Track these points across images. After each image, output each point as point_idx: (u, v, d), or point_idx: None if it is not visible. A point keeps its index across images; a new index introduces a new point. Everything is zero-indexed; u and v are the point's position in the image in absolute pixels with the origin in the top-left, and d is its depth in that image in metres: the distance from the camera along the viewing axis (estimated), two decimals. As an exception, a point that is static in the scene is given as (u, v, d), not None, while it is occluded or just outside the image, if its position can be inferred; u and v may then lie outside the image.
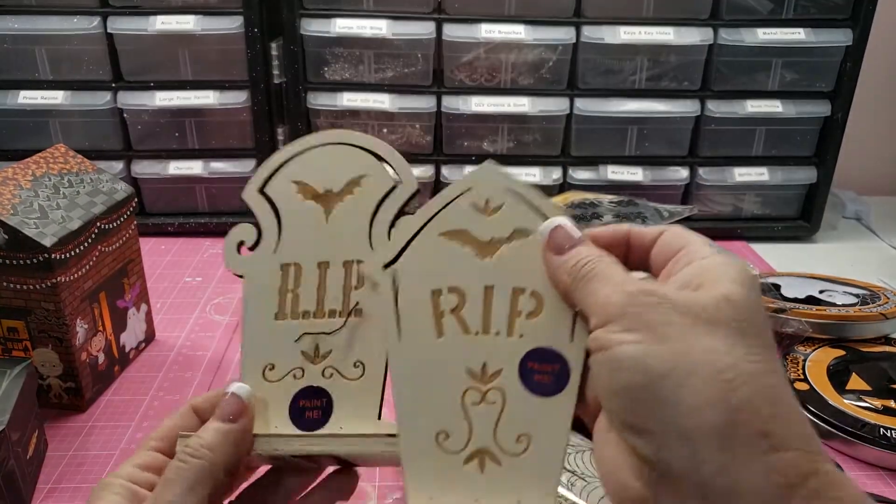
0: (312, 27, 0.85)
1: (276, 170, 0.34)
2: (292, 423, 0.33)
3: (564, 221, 0.30)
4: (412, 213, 0.33)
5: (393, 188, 0.34)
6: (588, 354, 0.29)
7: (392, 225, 0.34)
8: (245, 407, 0.32)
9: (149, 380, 0.64)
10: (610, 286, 0.27)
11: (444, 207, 0.32)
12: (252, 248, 0.34)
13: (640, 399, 0.24)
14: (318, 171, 0.34)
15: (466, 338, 0.31)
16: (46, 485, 0.52)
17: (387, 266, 0.32)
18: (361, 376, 0.33)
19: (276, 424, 0.33)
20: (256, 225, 0.34)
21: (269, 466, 0.34)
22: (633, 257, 0.30)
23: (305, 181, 0.34)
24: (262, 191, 0.34)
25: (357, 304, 0.33)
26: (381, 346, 0.32)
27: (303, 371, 0.33)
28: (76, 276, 0.57)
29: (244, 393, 0.32)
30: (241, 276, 0.34)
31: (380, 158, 0.34)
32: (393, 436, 0.31)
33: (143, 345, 0.69)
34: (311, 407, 0.33)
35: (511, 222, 0.31)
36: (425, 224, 0.32)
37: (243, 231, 0.34)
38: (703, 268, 0.27)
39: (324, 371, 0.33)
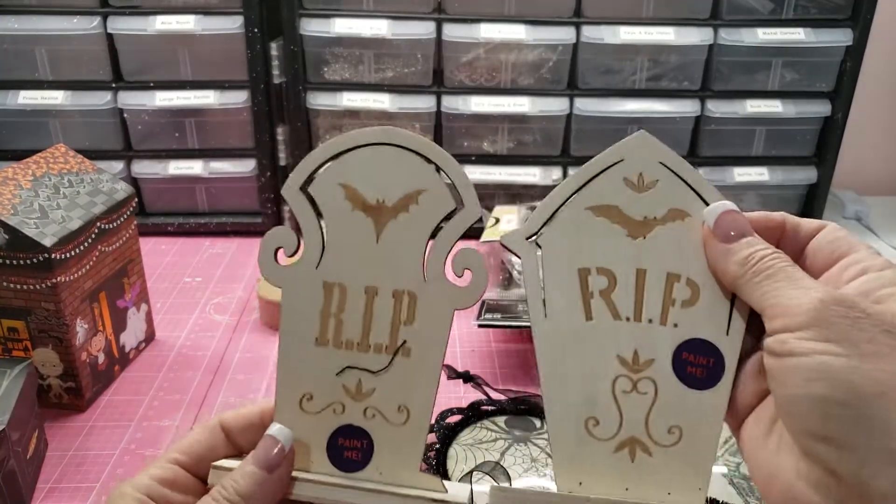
0: (312, 27, 0.85)
1: (321, 165, 0.31)
2: (329, 461, 0.31)
3: (732, 206, 0.29)
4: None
5: (453, 211, 0.30)
6: (751, 350, 0.28)
7: (447, 255, 0.30)
8: (286, 456, 0.30)
9: (149, 380, 0.64)
10: (798, 289, 0.25)
11: (592, 178, 0.29)
12: (290, 256, 0.31)
13: (840, 415, 0.23)
14: (368, 176, 0.30)
15: (617, 323, 0.29)
16: (46, 484, 0.52)
17: (530, 238, 0.30)
18: (406, 422, 0.31)
19: (313, 460, 0.31)
20: (297, 230, 0.31)
21: None
22: (785, 248, 0.29)
23: (354, 186, 0.30)
24: (304, 189, 0.31)
25: (405, 342, 0.31)
26: (428, 392, 0.31)
27: (343, 407, 0.31)
28: (76, 275, 0.57)
29: (285, 439, 0.30)
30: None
31: (438, 169, 0.30)
32: (437, 501, 0.29)
33: (143, 345, 0.69)
34: (351, 447, 0.31)
35: (666, 201, 0.29)
36: (572, 195, 0.29)
37: (282, 236, 0.31)
38: (884, 281, 0.26)
39: (365, 410, 0.31)
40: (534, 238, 0.30)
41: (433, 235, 0.30)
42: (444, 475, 0.51)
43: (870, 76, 0.96)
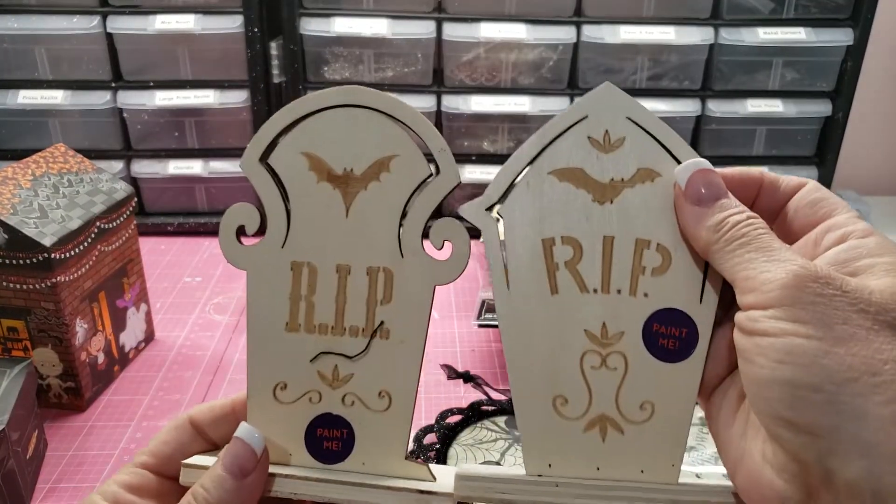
0: (312, 27, 0.85)
1: (281, 134, 0.28)
2: (308, 453, 0.29)
3: (706, 164, 0.26)
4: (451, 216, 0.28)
5: (429, 178, 0.28)
6: (722, 320, 0.27)
7: (427, 227, 0.28)
8: (258, 461, 0.27)
9: (148, 380, 0.64)
10: (771, 261, 0.24)
11: (555, 139, 0.27)
12: (255, 236, 0.29)
13: (809, 399, 0.22)
14: (333, 142, 0.28)
15: (584, 296, 0.27)
16: (46, 484, 0.52)
17: (490, 208, 0.28)
18: (388, 408, 0.29)
19: (291, 452, 0.29)
20: (260, 207, 0.28)
21: None
22: (763, 205, 0.27)
23: (319, 155, 0.28)
24: (264, 161, 0.28)
25: (382, 322, 0.28)
26: (410, 375, 0.29)
27: (320, 395, 0.29)
28: (76, 275, 0.57)
29: (255, 442, 0.28)
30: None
31: (410, 131, 0.28)
32: (424, 493, 0.28)
33: (143, 345, 0.68)
34: (331, 438, 0.29)
35: (635, 160, 0.27)
36: (534, 159, 0.27)
37: (243, 212, 0.28)
38: (863, 251, 0.24)
39: (344, 398, 0.29)
40: (494, 208, 0.28)
41: (408, 205, 0.28)
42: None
43: (870, 76, 0.96)
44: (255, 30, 0.84)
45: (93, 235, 0.59)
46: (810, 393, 0.22)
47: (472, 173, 0.91)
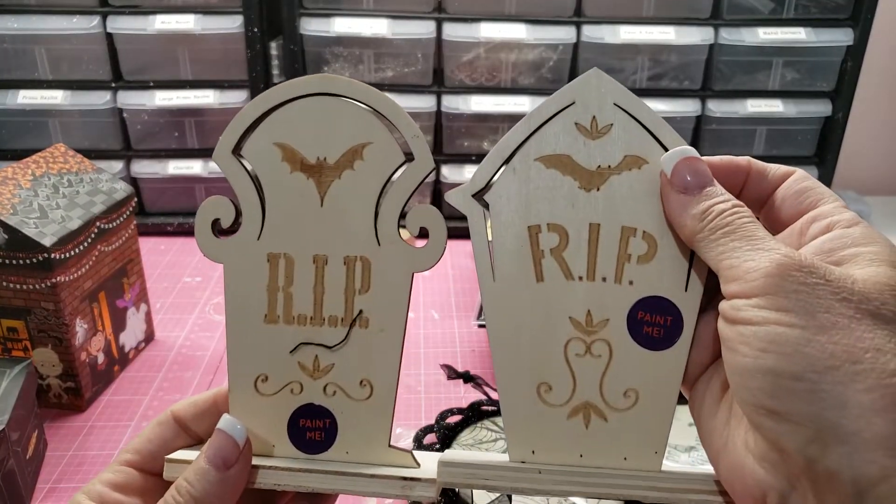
0: (312, 27, 0.85)
1: (253, 126, 0.28)
2: (292, 444, 0.29)
3: (692, 152, 0.26)
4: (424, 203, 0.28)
5: (402, 164, 0.28)
6: (705, 308, 0.27)
7: (403, 217, 0.28)
8: (240, 452, 0.27)
9: (148, 380, 0.64)
10: (756, 250, 0.24)
11: (542, 125, 0.27)
12: (230, 230, 0.29)
13: (791, 388, 0.22)
14: (306, 131, 0.27)
15: (570, 283, 0.27)
16: (46, 484, 0.52)
17: (476, 195, 0.27)
18: (369, 397, 0.29)
19: (274, 443, 0.29)
20: (235, 200, 0.28)
21: None
22: (751, 194, 0.27)
23: (291, 145, 0.28)
24: (236, 153, 0.28)
25: (361, 311, 0.28)
26: (391, 363, 0.29)
27: (301, 386, 0.29)
28: (76, 275, 0.57)
29: (239, 436, 0.28)
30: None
31: (384, 119, 0.28)
32: (409, 479, 0.28)
33: (143, 345, 0.68)
34: (314, 428, 0.29)
35: (622, 147, 0.27)
36: (520, 145, 0.27)
37: (218, 206, 0.28)
38: (848, 240, 0.24)
39: (325, 388, 0.29)
40: (480, 194, 0.28)
41: (383, 193, 0.28)
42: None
43: (870, 76, 0.96)
44: (255, 30, 0.84)
45: (93, 235, 0.59)
46: (792, 381, 0.22)
47: (472, 173, 0.91)
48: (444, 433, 0.54)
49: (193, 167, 0.90)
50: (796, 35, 0.86)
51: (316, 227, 0.28)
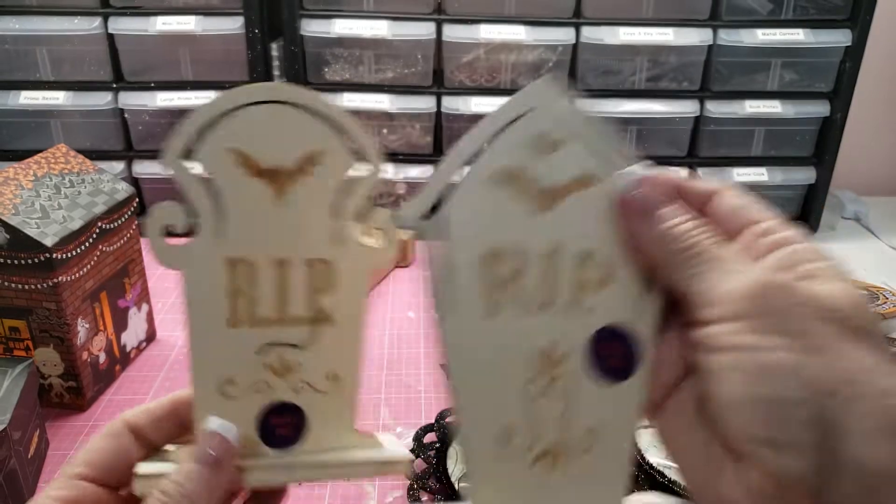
0: (313, 28, 0.85)
1: (205, 130, 0.27)
2: (263, 442, 0.29)
3: (648, 171, 0.25)
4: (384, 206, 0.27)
5: (356, 168, 0.28)
6: (664, 328, 0.26)
7: (355, 216, 0.28)
8: (233, 451, 0.27)
9: (150, 379, 0.64)
10: (727, 272, 0.22)
11: (493, 140, 0.25)
12: (184, 236, 0.28)
13: (790, 416, 0.21)
14: (260, 138, 0.27)
15: (526, 315, 0.25)
16: (48, 484, 0.52)
17: (425, 217, 0.26)
18: (336, 387, 0.29)
19: (245, 444, 0.28)
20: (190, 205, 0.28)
21: None
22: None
23: (245, 151, 0.27)
24: (188, 156, 0.27)
25: (323, 309, 0.28)
26: (355, 354, 0.29)
27: (268, 385, 0.29)
28: (77, 275, 0.57)
29: (233, 435, 0.27)
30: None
31: (335, 125, 0.27)
32: (383, 463, 0.29)
33: (144, 344, 0.69)
34: (283, 423, 0.29)
35: (577, 164, 0.25)
36: (472, 161, 0.25)
37: (168, 212, 0.28)
38: (801, 256, 0.23)
39: (292, 385, 0.29)
40: (430, 216, 0.26)
41: (339, 197, 0.28)
42: (445, 475, 0.51)
43: (869, 77, 0.96)
44: (256, 31, 0.84)
45: (94, 236, 0.59)
46: (793, 409, 0.21)
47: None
48: (443, 433, 0.54)
49: (195, 168, 0.90)
50: (795, 36, 0.87)
51: (275, 231, 0.28)
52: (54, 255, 0.54)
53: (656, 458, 0.51)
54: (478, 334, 0.26)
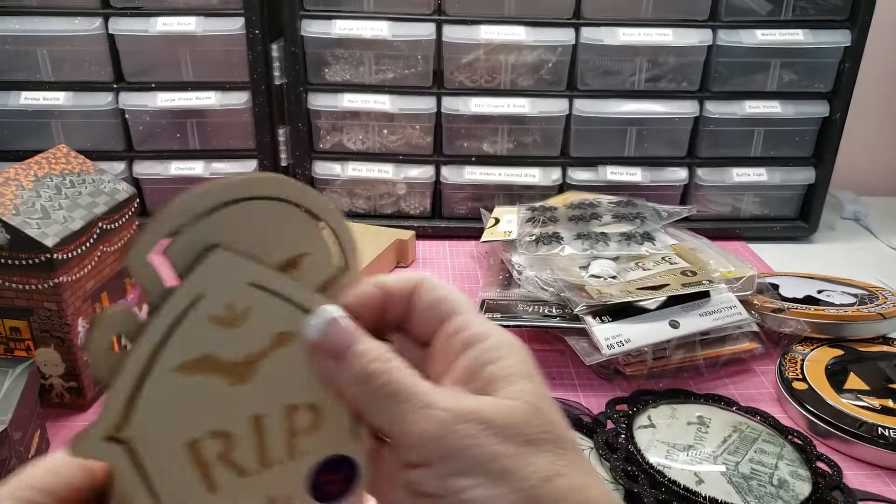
0: (313, 28, 0.85)
1: (179, 230, 0.23)
2: None
3: (334, 313, 0.24)
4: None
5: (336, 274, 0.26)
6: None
7: None
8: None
9: (150, 379, 0.65)
10: (416, 410, 0.23)
11: (173, 330, 0.23)
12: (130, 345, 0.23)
13: None
14: (251, 238, 0.24)
15: (245, 480, 0.25)
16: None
17: (112, 437, 0.23)
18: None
19: None
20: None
21: None
22: (392, 315, 0.27)
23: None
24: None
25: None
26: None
27: None
28: (78, 276, 0.57)
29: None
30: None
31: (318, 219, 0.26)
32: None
33: (145, 344, 0.69)
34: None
35: (268, 327, 0.24)
36: (153, 361, 0.23)
37: (121, 318, 0.23)
38: (484, 357, 0.25)
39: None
40: (119, 435, 0.23)
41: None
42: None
43: (868, 77, 0.96)
44: (256, 31, 0.84)
45: (95, 236, 0.59)
46: None
47: (472, 174, 0.91)
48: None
49: (195, 168, 0.91)
50: (794, 36, 0.87)
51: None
52: (55, 256, 0.54)
53: (656, 457, 0.52)
54: (206, 501, 0.25)
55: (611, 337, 0.60)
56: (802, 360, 0.65)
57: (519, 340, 0.26)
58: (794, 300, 0.71)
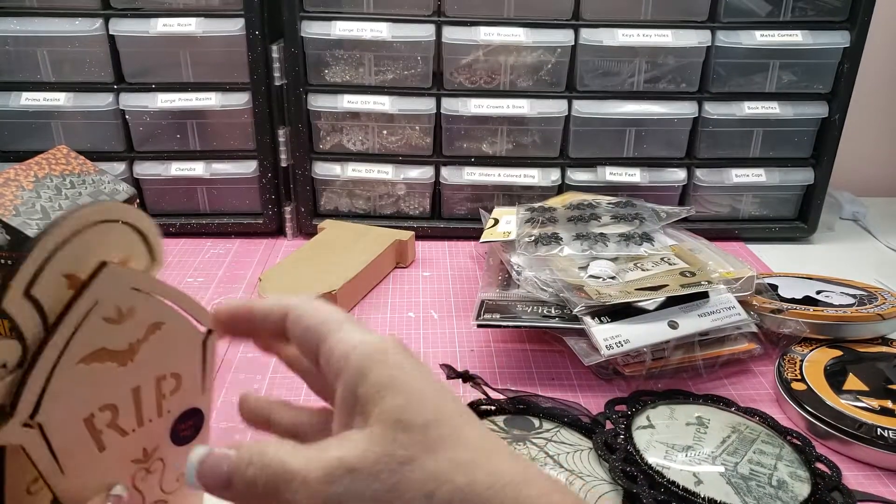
0: (313, 29, 0.85)
1: (43, 265, 0.28)
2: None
3: (202, 453, 0.27)
4: None
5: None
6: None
7: None
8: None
9: (150, 380, 0.65)
10: (298, 490, 0.25)
11: (74, 333, 0.29)
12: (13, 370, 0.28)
13: None
14: (94, 253, 0.30)
15: (126, 439, 0.33)
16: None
17: (27, 424, 0.28)
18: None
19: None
20: (20, 337, 0.28)
21: None
22: (266, 334, 0.31)
23: (79, 274, 0.29)
24: (27, 293, 0.28)
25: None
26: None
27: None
28: (78, 276, 0.57)
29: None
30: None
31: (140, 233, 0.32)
32: None
33: (145, 345, 0.69)
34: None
35: (145, 320, 0.32)
36: (59, 358, 0.29)
37: (3, 349, 0.28)
38: (353, 382, 0.26)
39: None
40: (32, 421, 0.28)
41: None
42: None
43: (867, 78, 0.96)
44: (257, 32, 0.84)
45: (95, 236, 0.59)
46: None
47: (472, 175, 0.92)
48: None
49: (195, 169, 0.91)
50: (793, 37, 0.87)
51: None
52: (56, 256, 0.54)
53: (655, 458, 0.52)
54: (89, 472, 0.32)
55: (610, 337, 0.60)
56: (801, 361, 0.65)
57: (383, 342, 0.27)
58: (793, 301, 0.71)
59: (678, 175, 0.93)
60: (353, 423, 0.26)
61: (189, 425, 0.36)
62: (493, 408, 0.57)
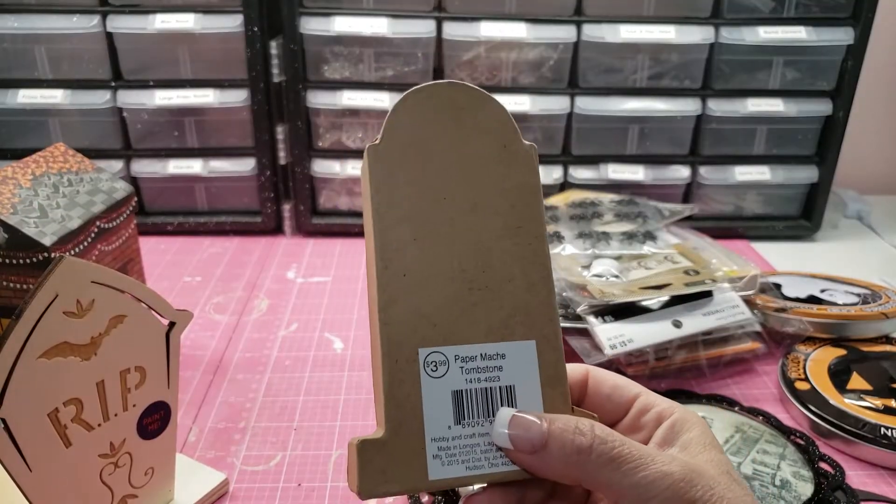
0: (312, 26, 0.85)
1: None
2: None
3: (511, 412, 0.28)
4: None
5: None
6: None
7: None
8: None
9: (149, 379, 0.64)
10: (648, 467, 0.26)
11: (34, 327, 0.30)
12: None
13: None
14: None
15: (92, 434, 0.33)
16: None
17: None
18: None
19: None
20: None
21: None
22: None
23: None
24: None
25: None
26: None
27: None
28: (76, 275, 0.57)
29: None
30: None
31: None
32: None
33: (143, 344, 0.68)
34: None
35: (106, 313, 0.32)
36: (20, 354, 0.29)
37: None
38: (678, 427, 0.29)
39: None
40: None
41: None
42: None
43: (871, 75, 0.96)
44: (255, 29, 0.84)
45: (93, 235, 0.59)
46: None
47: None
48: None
49: (193, 166, 0.90)
50: (797, 34, 0.86)
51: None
52: (53, 255, 0.54)
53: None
54: (57, 467, 0.33)
55: (613, 337, 0.60)
56: (805, 360, 0.64)
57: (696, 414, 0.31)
58: (797, 300, 0.70)
59: (682, 173, 0.92)
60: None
61: (156, 418, 0.36)
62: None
